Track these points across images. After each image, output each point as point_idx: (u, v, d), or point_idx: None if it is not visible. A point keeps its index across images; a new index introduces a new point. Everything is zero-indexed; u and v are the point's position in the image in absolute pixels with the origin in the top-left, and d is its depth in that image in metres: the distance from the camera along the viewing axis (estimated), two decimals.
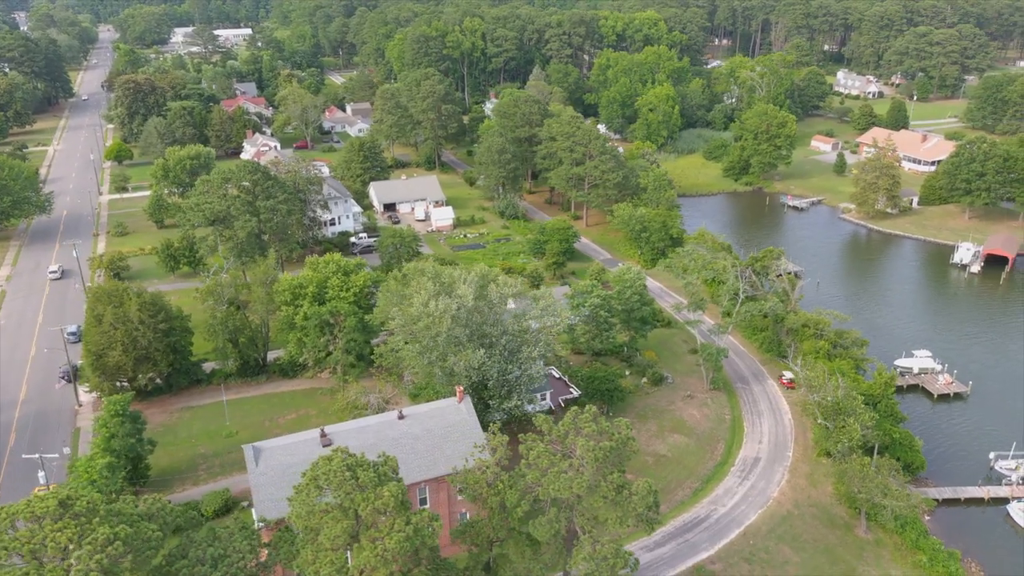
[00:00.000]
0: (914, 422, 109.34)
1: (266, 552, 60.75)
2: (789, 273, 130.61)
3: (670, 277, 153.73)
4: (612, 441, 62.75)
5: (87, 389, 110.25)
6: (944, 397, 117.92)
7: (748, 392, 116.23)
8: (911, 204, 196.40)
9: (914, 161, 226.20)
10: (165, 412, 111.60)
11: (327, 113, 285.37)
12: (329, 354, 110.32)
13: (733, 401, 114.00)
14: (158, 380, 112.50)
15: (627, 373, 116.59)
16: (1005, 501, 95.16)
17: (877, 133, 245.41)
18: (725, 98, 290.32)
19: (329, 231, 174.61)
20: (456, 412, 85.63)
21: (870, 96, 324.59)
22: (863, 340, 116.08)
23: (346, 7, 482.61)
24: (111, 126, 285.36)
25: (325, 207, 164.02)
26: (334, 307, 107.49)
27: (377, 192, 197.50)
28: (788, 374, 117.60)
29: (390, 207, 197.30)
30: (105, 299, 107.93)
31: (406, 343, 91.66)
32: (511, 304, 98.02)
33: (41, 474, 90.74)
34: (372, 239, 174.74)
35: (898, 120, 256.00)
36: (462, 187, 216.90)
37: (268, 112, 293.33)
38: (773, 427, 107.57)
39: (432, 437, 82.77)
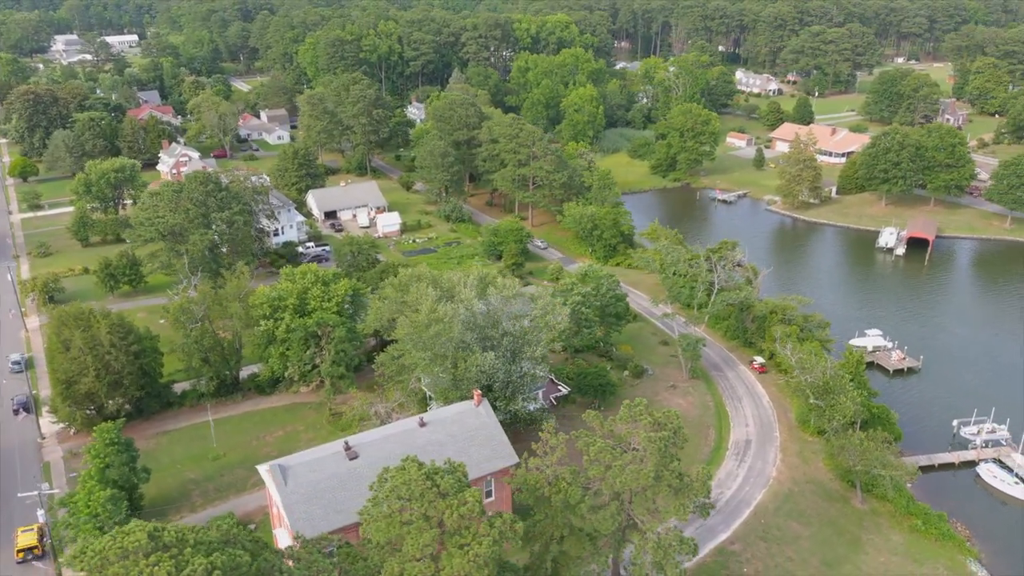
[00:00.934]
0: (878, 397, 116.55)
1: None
2: (750, 263, 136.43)
3: (628, 273, 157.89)
4: (666, 431, 64.36)
5: (54, 420, 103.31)
6: (899, 372, 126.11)
7: (724, 379, 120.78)
8: (831, 194, 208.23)
9: (826, 154, 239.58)
10: (140, 439, 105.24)
11: (241, 120, 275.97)
12: (315, 367, 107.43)
13: (712, 388, 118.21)
14: (127, 406, 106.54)
15: (609, 368, 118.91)
16: (973, 464, 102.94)
17: (788, 129, 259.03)
18: (639, 98, 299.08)
19: (273, 242, 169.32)
20: (476, 416, 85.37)
21: (771, 93, 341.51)
22: (826, 322, 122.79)
23: (242, 11, 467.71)
24: (3, 140, 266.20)
25: (272, 217, 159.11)
26: (321, 318, 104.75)
27: (317, 200, 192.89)
28: (759, 359, 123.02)
29: (331, 215, 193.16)
30: (71, 323, 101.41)
31: (415, 351, 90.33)
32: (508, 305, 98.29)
33: (40, 512, 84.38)
34: (320, 248, 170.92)
35: (804, 116, 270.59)
36: (399, 192, 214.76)
37: (176, 121, 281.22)
38: (755, 410, 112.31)
39: (457, 442, 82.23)
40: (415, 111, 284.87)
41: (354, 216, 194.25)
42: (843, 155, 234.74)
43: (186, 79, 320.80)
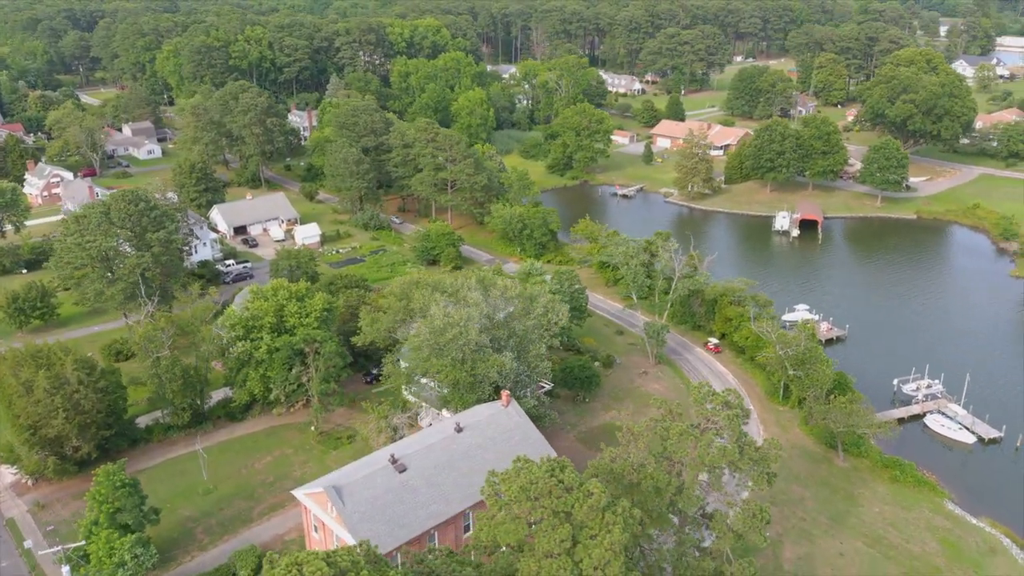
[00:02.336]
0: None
1: None
2: (694, 251, 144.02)
3: (560, 269, 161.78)
4: (735, 408, 68.29)
5: (16, 471, 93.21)
6: (830, 342, 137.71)
7: (685, 362, 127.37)
8: (721, 184, 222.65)
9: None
10: None
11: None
12: (301, 386, 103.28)
13: (679, 372, 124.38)
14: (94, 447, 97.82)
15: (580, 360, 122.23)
16: (919, 417, 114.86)
17: (667, 125, 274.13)
18: (519, 100, 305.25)
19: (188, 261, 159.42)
20: (508, 416, 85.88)
21: (635, 93, 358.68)
22: (769, 301, 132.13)
23: (71, 19, 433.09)
24: None
25: (192, 235, 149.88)
26: (307, 333, 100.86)
27: (224, 215, 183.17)
28: (713, 340, 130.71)
29: (240, 230, 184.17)
30: (30, 363, 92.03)
31: (433, 357, 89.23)
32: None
33: (65, 569, 75.93)
34: (242, 266, 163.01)
35: (676, 113, 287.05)
36: (302, 203, 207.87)
37: (29, 140, 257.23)
38: (722, 388, 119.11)
39: (497, 444, 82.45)
40: (296, 119, 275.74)
41: (265, 230, 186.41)
42: (721, 148, 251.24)
43: (30, 94, 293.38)
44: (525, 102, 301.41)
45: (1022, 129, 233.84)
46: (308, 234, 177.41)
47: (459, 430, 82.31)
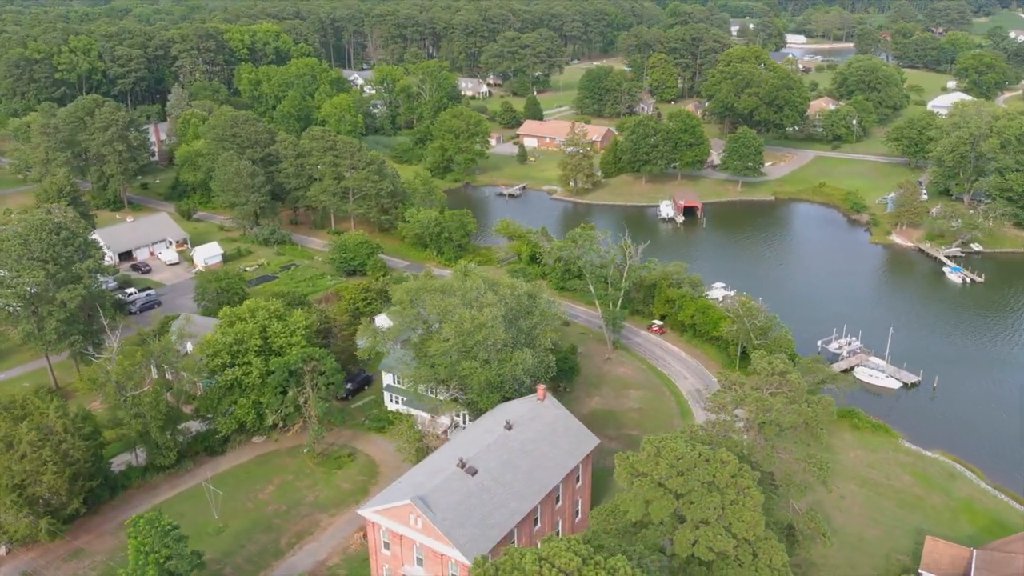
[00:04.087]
0: None
1: None
2: (625, 240, 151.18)
3: (483, 269, 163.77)
4: (795, 373, 75.10)
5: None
6: None
7: (638, 346, 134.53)
8: (600, 179, 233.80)
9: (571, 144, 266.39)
10: (102, 535, 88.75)
11: None
12: (297, 408, 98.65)
13: (636, 356, 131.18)
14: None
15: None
16: (848, 371, 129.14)
17: (531, 125, 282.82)
18: (377, 105, 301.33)
19: None
20: (548, 409, 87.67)
21: (483, 95, 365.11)
22: (700, 280, 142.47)
23: None
24: None
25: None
26: (304, 352, 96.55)
27: (106, 240, 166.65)
28: (657, 322, 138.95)
29: (126, 255, 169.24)
30: (4, 416, 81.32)
31: (462, 360, 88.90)
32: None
33: None
34: (145, 293, 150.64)
35: (536, 113, 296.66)
36: (180, 222, 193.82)
37: None
38: (682, 366, 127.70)
39: (546, 437, 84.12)
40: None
41: (153, 254, 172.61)
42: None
43: None
44: (383, 107, 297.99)
45: (842, 115, 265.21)
46: (209, 254, 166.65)
47: (509, 427, 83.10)
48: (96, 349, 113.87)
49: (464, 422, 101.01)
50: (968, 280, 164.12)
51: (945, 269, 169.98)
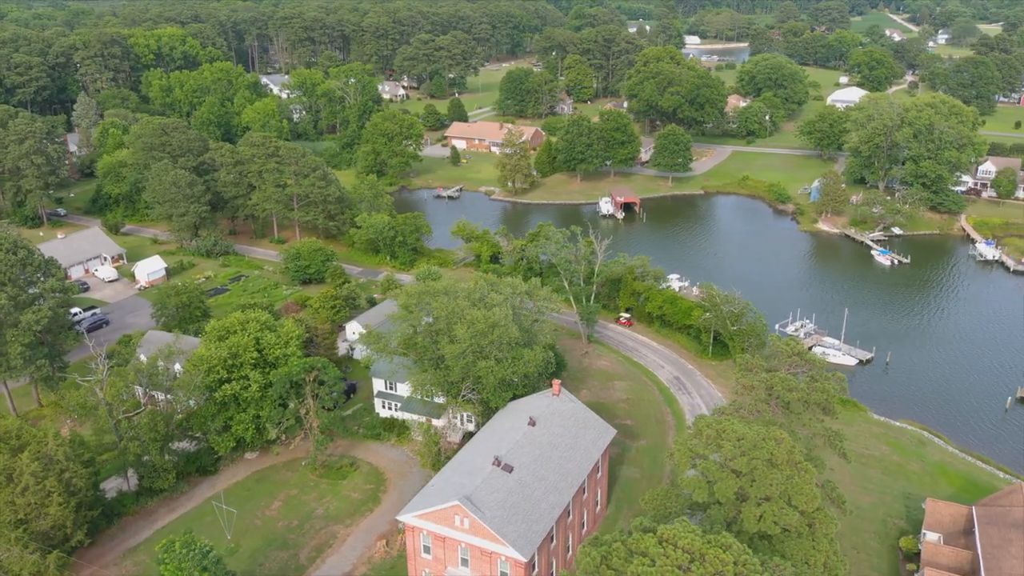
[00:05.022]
0: None
1: None
2: (586, 237, 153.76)
3: (443, 270, 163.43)
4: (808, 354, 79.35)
5: None
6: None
7: (609, 339, 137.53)
8: (538, 178, 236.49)
9: (499, 145, 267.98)
10: (106, 566, 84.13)
11: None
12: (298, 420, 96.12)
13: (610, 348, 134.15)
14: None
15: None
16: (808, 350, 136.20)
17: (459, 127, 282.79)
18: (296, 110, 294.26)
19: None
20: (564, 404, 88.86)
21: (400, 98, 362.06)
22: (662, 272, 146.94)
23: None
24: None
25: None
26: (307, 362, 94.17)
27: None
28: (625, 315, 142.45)
29: None
30: (2, 448, 75.90)
31: (478, 360, 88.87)
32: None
33: None
34: (91, 313, 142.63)
35: (460, 115, 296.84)
36: (111, 237, 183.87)
37: None
38: (656, 355, 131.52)
39: (569, 430, 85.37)
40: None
41: (87, 271, 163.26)
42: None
43: None
44: (304, 112, 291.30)
45: (755, 111, 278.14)
46: (151, 269, 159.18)
47: (532, 424, 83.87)
48: (61, 372, 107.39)
49: (462, 422, 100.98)
50: (896, 261, 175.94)
51: (873, 252, 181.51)
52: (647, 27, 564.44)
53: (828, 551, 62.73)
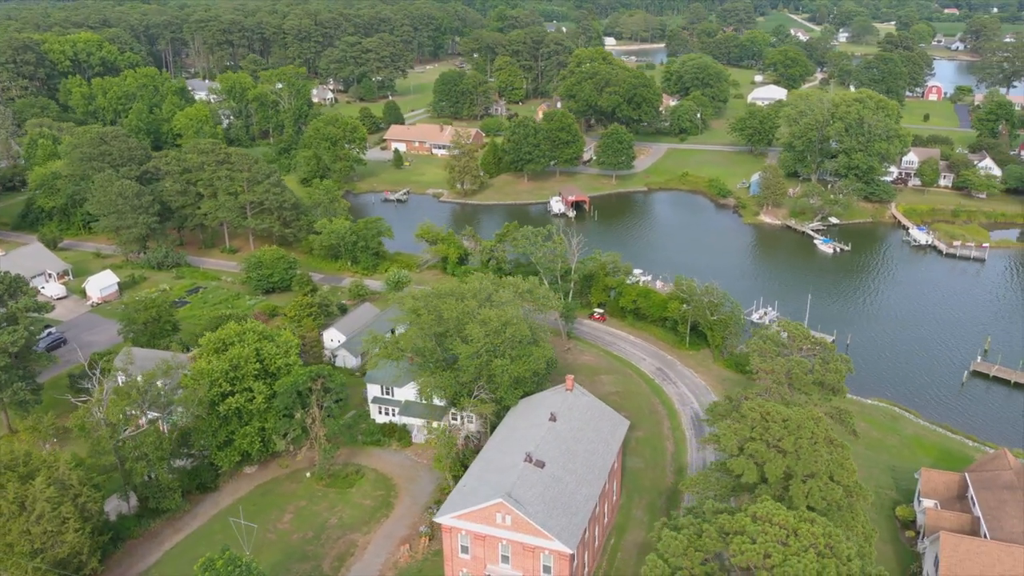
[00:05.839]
0: None
1: None
2: (557, 236, 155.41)
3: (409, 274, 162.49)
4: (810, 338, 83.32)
5: None
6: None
7: (587, 335, 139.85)
8: (486, 179, 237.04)
9: (440, 147, 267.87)
10: None
11: None
12: (304, 429, 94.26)
13: (589, 343, 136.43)
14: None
15: None
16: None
17: (397, 130, 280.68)
18: (225, 115, 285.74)
19: None
20: (579, 398, 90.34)
21: (328, 102, 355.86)
22: (631, 268, 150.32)
23: None
24: None
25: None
26: (312, 370, 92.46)
27: None
28: (598, 310, 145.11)
29: None
30: (9, 476, 71.85)
31: (493, 359, 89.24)
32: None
33: None
34: (47, 332, 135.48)
35: (397, 118, 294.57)
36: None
37: None
38: (634, 348, 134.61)
39: (588, 424, 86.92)
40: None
41: (34, 288, 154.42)
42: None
43: None
44: (234, 118, 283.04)
45: (686, 109, 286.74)
46: (104, 284, 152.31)
47: (553, 419, 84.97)
48: (35, 395, 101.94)
49: (463, 424, 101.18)
50: (839, 249, 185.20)
51: (816, 241, 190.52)
52: (563, 28, 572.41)
53: (864, 521, 66.35)
